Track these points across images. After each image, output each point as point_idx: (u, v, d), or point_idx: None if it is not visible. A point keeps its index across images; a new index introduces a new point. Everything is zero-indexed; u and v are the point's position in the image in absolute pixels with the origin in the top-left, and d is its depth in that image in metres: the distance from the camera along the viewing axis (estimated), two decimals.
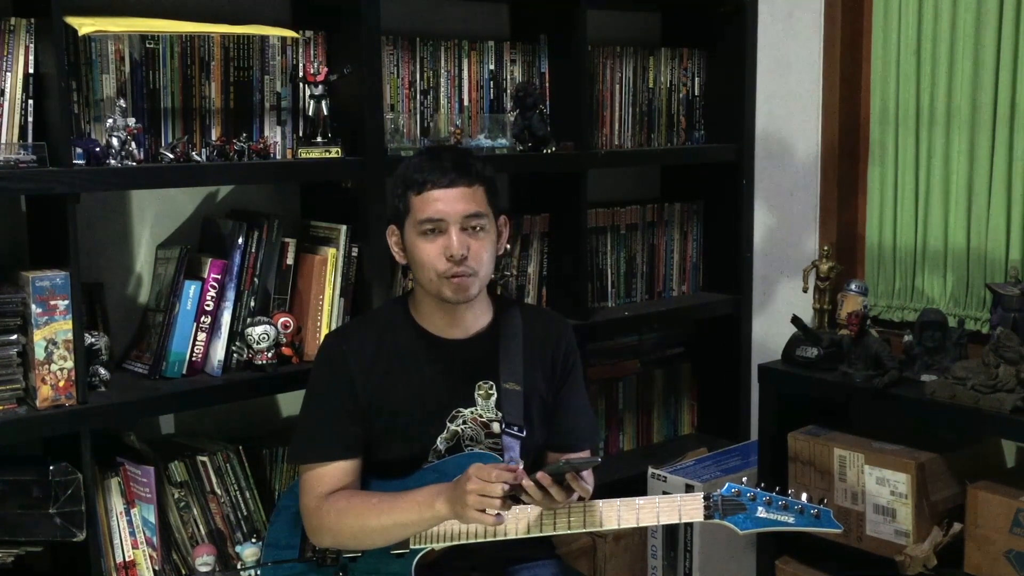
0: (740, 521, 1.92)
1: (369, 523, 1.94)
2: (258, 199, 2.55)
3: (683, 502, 1.94)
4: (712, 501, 1.92)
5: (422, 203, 1.99)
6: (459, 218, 1.98)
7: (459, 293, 2.00)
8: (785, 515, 1.93)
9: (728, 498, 1.92)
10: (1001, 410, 2.28)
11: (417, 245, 2.01)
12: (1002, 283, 2.56)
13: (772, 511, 1.92)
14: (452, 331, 2.08)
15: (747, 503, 1.92)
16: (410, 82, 2.62)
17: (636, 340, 3.25)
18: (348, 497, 1.99)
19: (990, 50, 2.63)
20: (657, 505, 1.94)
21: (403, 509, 1.92)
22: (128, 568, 2.25)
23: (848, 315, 2.63)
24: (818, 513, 1.93)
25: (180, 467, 2.34)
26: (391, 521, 1.93)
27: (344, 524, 1.96)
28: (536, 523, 1.94)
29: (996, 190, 2.66)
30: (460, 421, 2.06)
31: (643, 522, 1.95)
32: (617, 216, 3.04)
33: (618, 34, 3.09)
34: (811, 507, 1.93)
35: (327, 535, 2.00)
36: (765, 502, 1.92)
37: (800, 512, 1.93)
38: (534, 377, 2.11)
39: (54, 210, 2.10)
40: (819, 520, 1.94)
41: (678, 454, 3.01)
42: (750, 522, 1.93)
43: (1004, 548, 2.33)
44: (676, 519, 1.95)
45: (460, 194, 1.99)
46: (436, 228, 1.99)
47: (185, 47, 2.29)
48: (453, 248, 1.97)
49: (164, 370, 2.29)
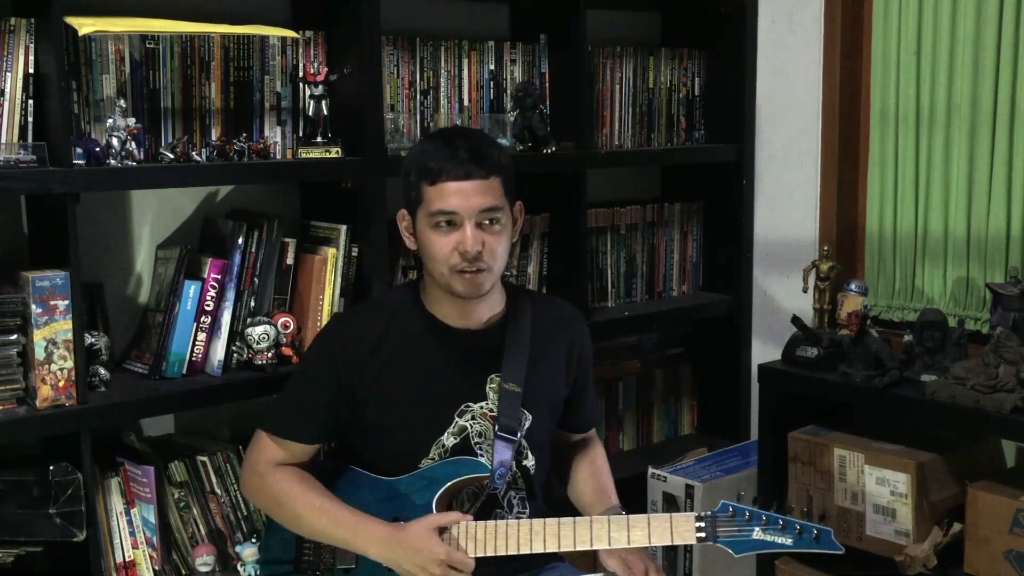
0: (735, 544, 1.85)
1: (305, 519, 1.98)
2: (258, 199, 2.55)
3: (676, 523, 1.87)
4: (706, 523, 1.86)
5: (436, 194, 1.92)
6: (474, 212, 1.91)
7: (472, 289, 1.95)
8: (783, 536, 1.84)
9: (723, 519, 1.85)
10: (1001, 410, 2.28)
11: (429, 237, 1.94)
12: (1002, 283, 2.56)
13: (769, 532, 1.84)
14: (464, 320, 2.03)
15: (742, 524, 1.85)
16: (410, 82, 2.62)
17: (636, 340, 3.25)
18: (298, 482, 2.00)
19: (990, 50, 2.63)
20: (649, 525, 1.88)
21: (342, 527, 1.94)
22: (128, 568, 2.25)
23: (848, 315, 2.63)
24: (818, 534, 1.85)
25: (180, 467, 2.34)
26: (323, 530, 1.97)
27: (284, 506, 1.99)
28: (526, 540, 1.90)
29: (996, 190, 2.66)
30: (469, 416, 2.01)
31: (634, 542, 1.89)
32: (617, 216, 3.04)
33: (618, 34, 3.09)
34: (811, 527, 1.85)
35: (260, 499, 2.06)
36: (762, 523, 1.84)
37: (799, 533, 1.84)
38: (542, 371, 2.08)
39: (54, 210, 2.09)
40: (818, 542, 1.85)
41: (678, 454, 3.01)
42: (746, 545, 1.85)
43: (1004, 548, 2.33)
44: (668, 540, 1.88)
45: (476, 187, 1.91)
46: (450, 221, 1.92)
47: (185, 47, 2.29)
48: (467, 244, 1.90)
49: (164, 370, 2.29)
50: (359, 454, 2.07)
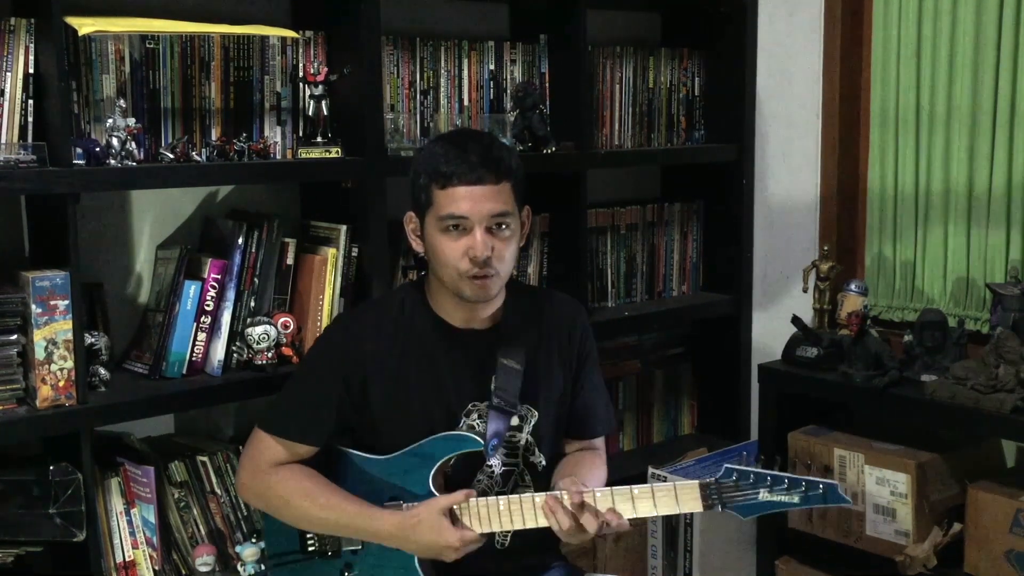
0: (743, 508, 1.83)
1: (313, 517, 1.98)
2: (258, 199, 2.55)
3: (680, 490, 1.85)
4: (711, 490, 1.84)
5: (446, 198, 1.90)
6: (485, 218, 1.89)
7: (480, 293, 1.95)
8: (789, 495, 1.81)
9: (726, 484, 1.84)
10: (1001, 410, 2.28)
11: (438, 241, 1.93)
12: (1002, 283, 2.56)
13: (776, 492, 1.81)
14: (469, 321, 2.03)
15: (746, 488, 1.83)
16: (410, 82, 2.62)
17: (636, 340, 3.25)
18: (300, 479, 1.99)
19: (990, 50, 2.63)
20: (654, 496, 1.85)
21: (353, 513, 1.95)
22: (128, 568, 2.25)
23: (848, 315, 2.63)
24: (824, 489, 1.81)
25: (180, 467, 2.34)
26: (337, 517, 1.96)
27: (292, 505, 1.98)
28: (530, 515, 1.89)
29: (996, 190, 2.66)
30: (476, 415, 2.01)
31: (640, 513, 1.86)
32: (617, 216, 3.04)
33: (618, 34, 3.09)
34: (816, 482, 1.81)
35: (263, 501, 2.04)
36: (767, 483, 1.82)
37: (805, 491, 1.81)
38: (545, 365, 2.07)
39: (54, 210, 2.09)
40: (825, 496, 1.81)
41: (678, 454, 3.00)
42: (754, 508, 1.82)
43: (1004, 548, 2.33)
44: (674, 509, 1.85)
45: (487, 192, 1.89)
46: (460, 226, 1.90)
47: (185, 47, 2.29)
48: (477, 250, 1.89)
49: (164, 370, 2.29)
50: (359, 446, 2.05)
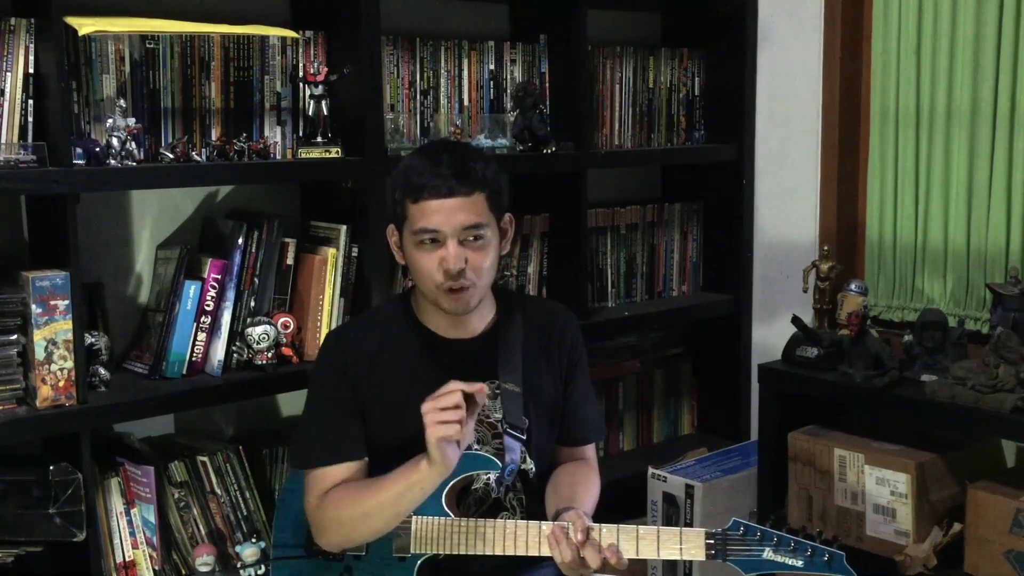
0: (745, 563, 1.82)
1: (366, 504, 1.90)
2: (258, 199, 2.55)
3: (686, 538, 1.85)
4: (716, 540, 1.83)
5: (419, 212, 1.89)
6: (457, 230, 1.89)
7: (457, 306, 1.95)
8: (794, 558, 1.81)
9: (733, 536, 1.83)
10: (1001, 410, 2.28)
11: (414, 255, 1.94)
12: (1002, 283, 2.56)
13: (780, 553, 1.81)
14: (456, 331, 2.03)
15: (753, 544, 1.82)
16: (410, 82, 2.62)
17: (636, 340, 3.25)
18: (343, 488, 1.95)
19: (990, 50, 2.63)
20: (658, 538, 1.85)
21: (393, 479, 1.88)
22: (128, 568, 2.25)
23: (848, 315, 2.63)
24: (830, 558, 1.81)
25: (180, 467, 2.34)
26: (386, 495, 1.88)
27: (344, 513, 1.92)
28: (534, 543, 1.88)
29: (996, 190, 2.67)
30: None
31: (643, 554, 1.86)
32: (617, 216, 3.04)
33: (618, 34, 3.09)
34: (823, 550, 1.81)
35: (331, 530, 1.95)
36: (773, 543, 1.82)
37: (810, 556, 1.80)
38: (537, 375, 2.08)
39: (54, 210, 2.10)
40: (830, 565, 1.81)
41: (678, 454, 3.01)
42: (756, 565, 1.82)
43: (1004, 548, 2.33)
44: (677, 555, 1.86)
45: (458, 204, 1.88)
46: (433, 239, 1.91)
47: (185, 47, 2.29)
48: (450, 263, 1.89)
49: (164, 370, 2.29)
50: None
